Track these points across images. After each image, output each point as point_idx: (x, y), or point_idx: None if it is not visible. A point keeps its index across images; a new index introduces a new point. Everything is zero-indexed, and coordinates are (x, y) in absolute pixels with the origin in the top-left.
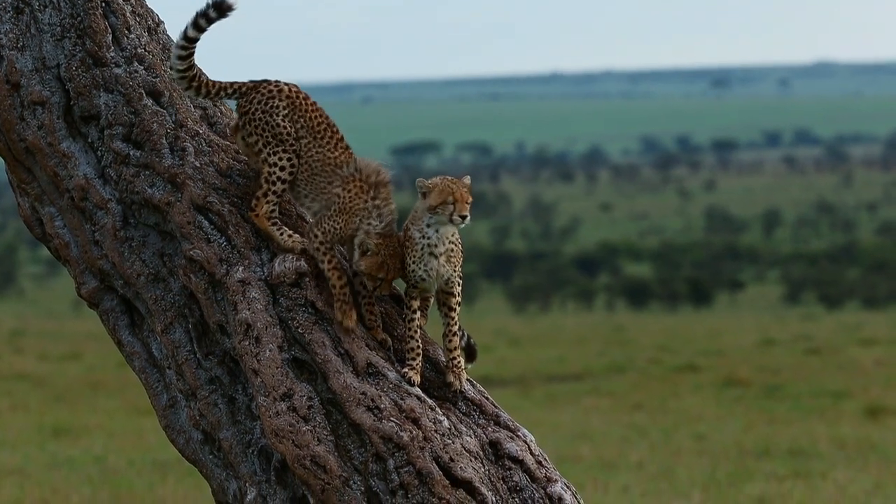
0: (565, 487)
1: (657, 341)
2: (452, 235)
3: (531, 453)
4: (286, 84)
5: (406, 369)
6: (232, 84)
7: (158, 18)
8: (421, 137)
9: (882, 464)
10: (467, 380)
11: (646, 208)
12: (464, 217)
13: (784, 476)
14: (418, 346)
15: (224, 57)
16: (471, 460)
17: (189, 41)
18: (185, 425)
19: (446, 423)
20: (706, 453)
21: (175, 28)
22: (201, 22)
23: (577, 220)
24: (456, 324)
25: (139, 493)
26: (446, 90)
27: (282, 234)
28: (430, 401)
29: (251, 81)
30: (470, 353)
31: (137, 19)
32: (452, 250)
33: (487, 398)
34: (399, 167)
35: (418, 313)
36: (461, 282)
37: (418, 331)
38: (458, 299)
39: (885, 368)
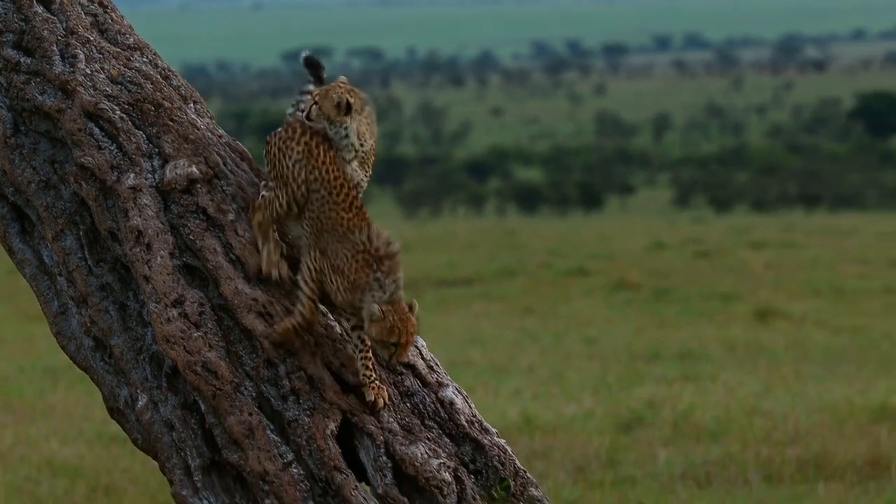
0: (456, 392)
1: (548, 245)
2: (365, 142)
3: (422, 358)
4: (311, 129)
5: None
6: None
7: None
8: (311, 43)
9: (771, 366)
10: None
11: (536, 113)
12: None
13: (674, 379)
14: None
15: None
16: None
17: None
18: (76, 332)
19: (338, 328)
20: (596, 357)
21: None
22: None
23: (467, 125)
24: None
25: (29, 399)
26: None
27: (265, 248)
28: (322, 307)
29: (295, 117)
30: None
31: None
32: (365, 156)
33: None
34: (290, 73)
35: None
36: None
37: None
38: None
39: (774, 271)
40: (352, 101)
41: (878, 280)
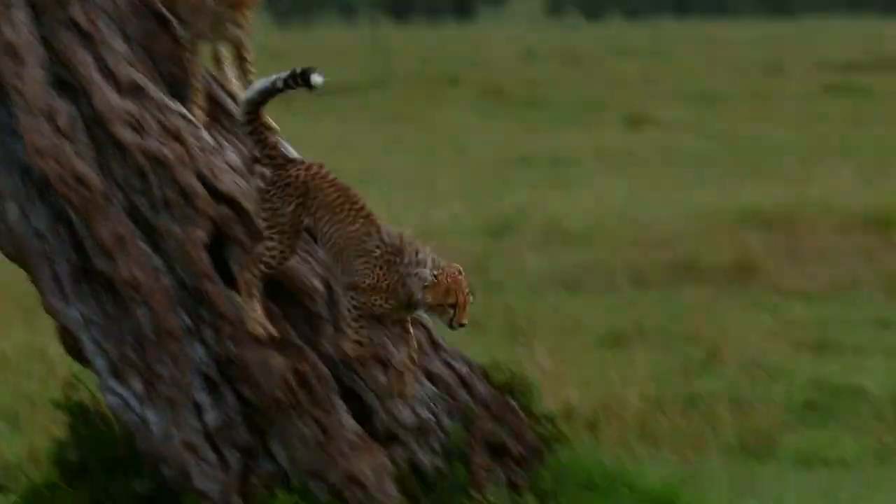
0: None
1: (420, 54)
2: None
3: None
4: (307, 170)
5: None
6: (271, 148)
7: None
8: None
9: (640, 172)
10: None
11: None
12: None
13: (543, 185)
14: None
15: None
16: (234, 176)
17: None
18: None
19: (210, 139)
20: (466, 164)
21: None
22: (279, 84)
23: None
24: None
25: None
26: None
27: (251, 306)
28: (194, 119)
29: (285, 157)
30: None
31: None
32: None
33: None
34: None
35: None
36: None
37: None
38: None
39: (644, 78)
40: None
41: (747, 86)
